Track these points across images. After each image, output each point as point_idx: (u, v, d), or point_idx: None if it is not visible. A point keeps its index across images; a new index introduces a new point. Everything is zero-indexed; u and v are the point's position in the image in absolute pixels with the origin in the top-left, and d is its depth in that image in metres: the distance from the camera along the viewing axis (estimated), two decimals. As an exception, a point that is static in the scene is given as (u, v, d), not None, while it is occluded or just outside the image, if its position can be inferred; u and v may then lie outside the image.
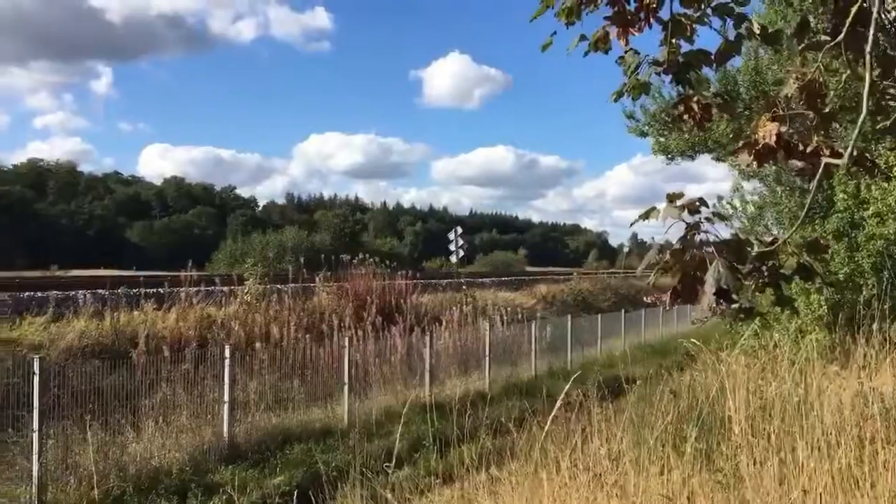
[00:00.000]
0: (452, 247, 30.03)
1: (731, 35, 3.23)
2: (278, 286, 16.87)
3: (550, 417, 5.00)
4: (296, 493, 6.36)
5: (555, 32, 3.23)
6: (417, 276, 20.39)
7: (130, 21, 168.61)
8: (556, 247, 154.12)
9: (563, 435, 6.10)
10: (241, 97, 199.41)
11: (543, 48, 3.29)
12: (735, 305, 2.45)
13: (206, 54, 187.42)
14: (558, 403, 5.01)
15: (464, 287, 23.16)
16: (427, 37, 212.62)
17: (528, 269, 66.22)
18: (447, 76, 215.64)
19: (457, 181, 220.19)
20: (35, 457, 7.95)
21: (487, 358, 15.84)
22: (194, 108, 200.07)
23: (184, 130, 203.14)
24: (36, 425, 8.04)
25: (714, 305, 2.34)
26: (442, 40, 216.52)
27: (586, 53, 3.00)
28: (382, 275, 19.14)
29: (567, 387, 5.17)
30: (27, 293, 13.70)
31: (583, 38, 3.20)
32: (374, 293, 17.89)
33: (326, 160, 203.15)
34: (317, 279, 18.13)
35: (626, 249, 51.59)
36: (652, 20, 2.92)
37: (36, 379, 8.16)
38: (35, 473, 7.93)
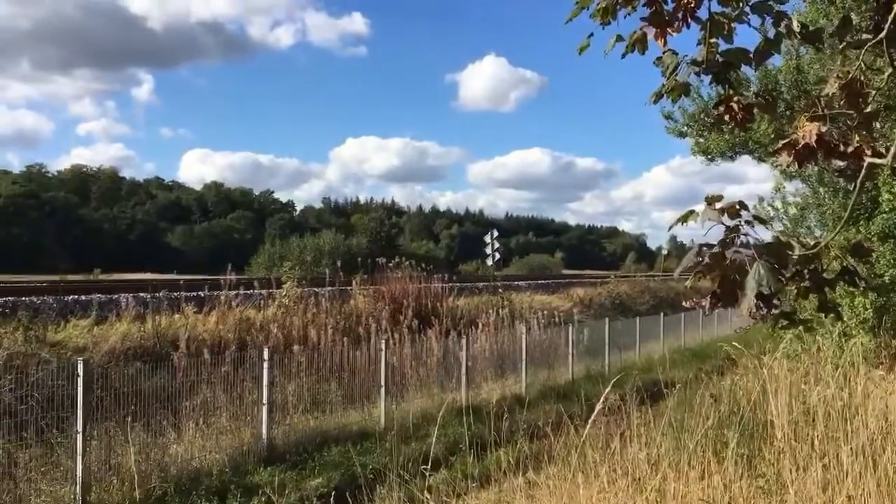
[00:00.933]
0: (488, 250, 29.95)
1: (771, 33, 3.18)
2: (315, 289, 16.99)
3: (590, 422, 4.96)
4: (333, 494, 6.39)
5: (591, 34, 3.20)
6: (453, 279, 20.38)
7: (171, 28, 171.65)
8: (594, 249, 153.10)
9: (601, 439, 6.06)
10: (279, 102, 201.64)
11: (580, 50, 3.27)
12: (776, 311, 2.41)
13: (245, 61, 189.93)
14: (598, 408, 4.97)
15: (500, 290, 23.10)
16: (463, 40, 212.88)
17: (565, 271, 65.90)
18: (483, 79, 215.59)
19: (492, 184, 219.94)
20: (79, 457, 8.10)
21: (524, 361, 15.78)
22: (234, 114, 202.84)
23: (223, 136, 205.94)
24: (80, 426, 8.19)
25: (754, 310, 2.30)
26: (478, 43, 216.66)
27: (624, 55, 2.98)
28: (418, 278, 19.18)
29: (607, 391, 5.12)
30: (71, 296, 14.00)
31: (619, 38, 3.17)
32: (410, 296, 17.93)
33: (362, 164, 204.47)
34: (353, 282, 18.24)
35: (664, 252, 51.58)
36: (690, 20, 2.89)
37: (80, 381, 8.31)
38: (79, 474, 8.08)
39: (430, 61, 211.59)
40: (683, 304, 3.35)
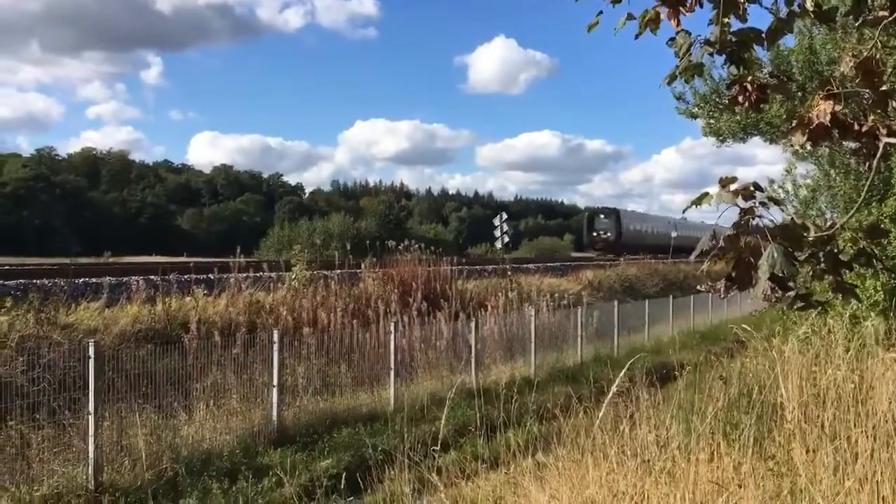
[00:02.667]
0: (497, 232, 29.93)
1: (783, 13, 3.14)
2: (325, 272, 17.00)
3: (604, 405, 4.96)
4: (344, 476, 6.41)
5: (600, 12, 3.18)
6: (462, 261, 20.35)
7: (180, 11, 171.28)
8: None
9: (610, 421, 6.06)
10: (288, 85, 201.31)
11: (589, 28, 3.24)
12: (791, 293, 2.39)
13: (254, 43, 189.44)
14: (612, 390, 4.96)
15: (509, 273, 23.06)
16: (472, 22, 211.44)
17: (574, 254, 66.42)
18: (492, 61, 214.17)
19: (501, 167, 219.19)
20: (91, 438, 8.17)
21: (533, 344, 15.79)
22: (243, 97, 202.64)
23: (232, 119, 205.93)
24: (91, 408, 8.25)
25: (769, 293, 2.28)
26: (487, 25, 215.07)
27: (637, 35, 2.95)
28: (427, 261, 19.17)
29: (621, 374, 5.11)
30: (82, 279, 14.05)
31: (630, 17, 3.14)
32: (419, 279, 17.93)
33: (371, 147, 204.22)
34: (362, 265, 18.24)
35: (674, 234, 53.03)
36: (703, -1, 2.85)
37: (91, 363, 8.36)
38: (91, 455, 8.15)
39: (440, 43, 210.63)
40: (698, 287, 3.34)
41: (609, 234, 55.05)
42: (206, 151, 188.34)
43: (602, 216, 57.08)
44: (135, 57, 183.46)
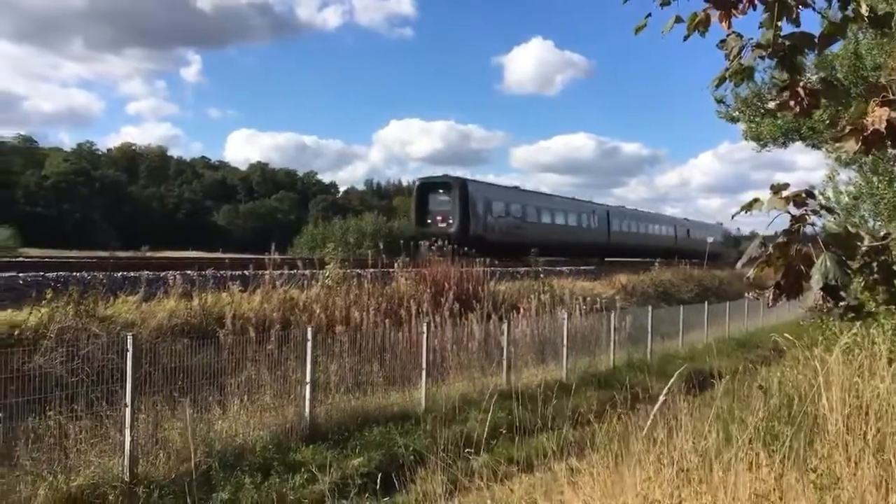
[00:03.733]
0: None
1: (834, 17, 3.08)
2: (358, 271, 17.07)
3: (653, 413, 4.90)
4: (377, 475, 6.43)
5: (649, 14, 3.14)
6: (495, 263, 20.28)
7: (220, 9, 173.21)
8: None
9: (645, 427, 5.98)
10: (325, 83, 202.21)
11: (637, 30, 3.20)
12: (843, 303, 2.33)
13: (293, 41, 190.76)
14: (660, 400, 4.90)
15: (541, 275, 22.97)
16: (510, 23, 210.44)
17: (607, 258, 64.96)
18: (528, 62, 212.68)
19: (536, 168, 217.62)
20: (127, 430, 8.28)
21: (565, 347, 15.70)
22: (280, 95, 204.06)
23: (269, 116, 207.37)
24: (128, 400, 8.37)
25: (821, 302, 2.23)
26: (525, 26, 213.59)
27: (686, 37, 2.90)
28: (460, 261, 19.15)
29: (671, 382, 5.04)
30: (120, 273, 14.26)
31: (678, 19, 3.10)
32: (451, 280, 17.93)
33: (406, 146, 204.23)
34: (395, 265, 18.28)
35: (710, 240, 50.65)
36: (756, 1, 2.80)
37: (129, 356, 8.48)
38: (127, 447, 8.26)
39: (476, 44, 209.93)
40: (746, 294, 3.28)
41: (451, 221, 32.86)
42: (243, 149, 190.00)
43: (441, 191, 34.19)
44: (175, 54, 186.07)
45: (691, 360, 17.37)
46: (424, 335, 12.65)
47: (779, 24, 2.88)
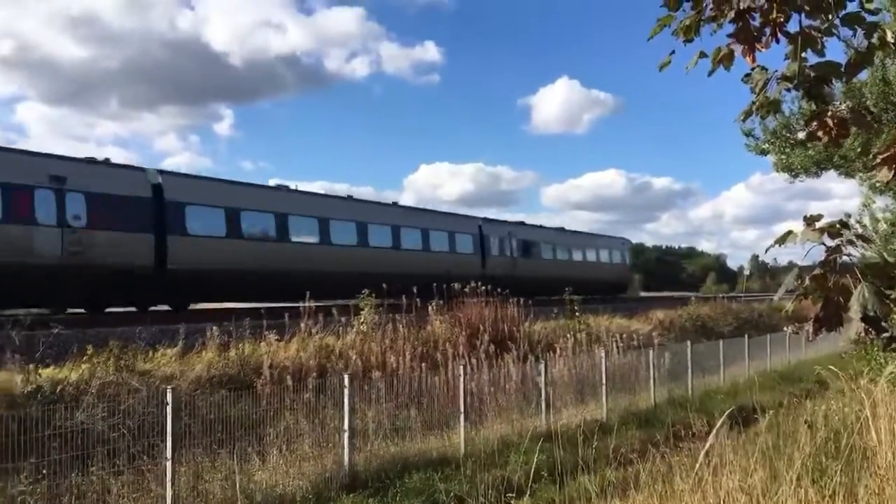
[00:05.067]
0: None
1: (859, 45, 3.07)
2: (393, 315, 17.10)
3: (703, 453, 4.81)
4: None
5: (673, 52, 3.16)
6: (529, 302, 20.16)
7: (250, 63, 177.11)
8: (672, 270, 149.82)
9: (689, 466, 5.87)
10: (354, 132, 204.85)
11: (661, 67, 3.23)
12: (885, 334, 2.29)
13: (321, 92, 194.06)
14: (708, 443, 4.81)
15: (577, 313, 22.81)
16: (535, 64, 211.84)
17: (643, 294, 63.41)
18: (555, 102, 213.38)
19: (567, 206, 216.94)
20: (168, 484, 8.31)
21: (604, 386, 15.50)
22: (311, 145, 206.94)
23: (300, 166, 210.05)
24: (169, 453, 8.41)
25: (863, 334, 2.19)
26: (550, 67, 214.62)
27: (711, 72, 2.92)
28: (494, 303, 19.09)
29: (719, 423, 4.94)
30: (158, 326, 14.46)
31: (703, 55, 3.12)
32: (486, 321, 17.87)
33: (436, 190, 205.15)
34: (430, 308, 18.28)
35: (746, 272, 48.25)
36: (779, 34, 2.81)
37: (168, 409, 8.54)
38: (168, 500, 8.28)
39: (502, 86, 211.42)
40: (785, 329, 3.24)
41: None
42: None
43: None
44: (208, 110, 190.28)
45: (734, 395, 17.06)
46: (461, 378, 12.58)
47: (803, 55, 2.88)
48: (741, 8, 2.80)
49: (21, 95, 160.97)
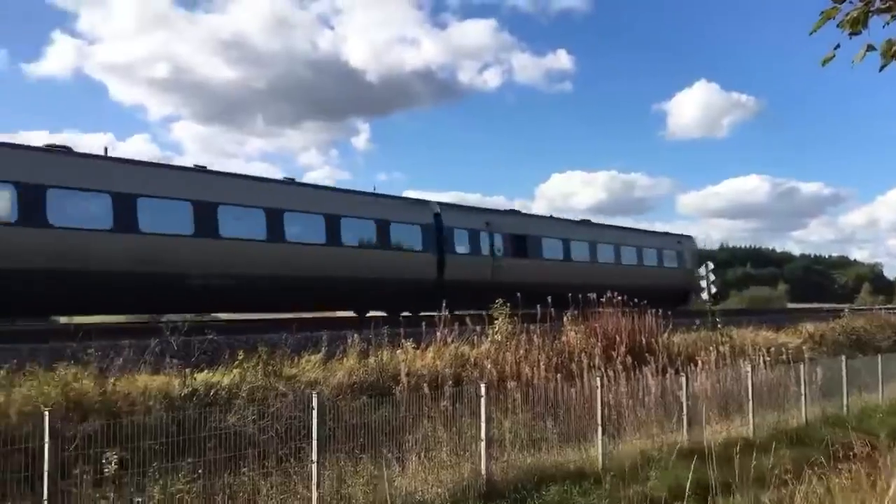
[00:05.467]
0: (703, 283, 28.63)
1: None
2: (527, 325, 17.02)
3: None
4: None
5: (838, 45, 2.98)
6: (668, 313, 19.54)
7: (386, 79, 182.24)
8: (821, 281, 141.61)
9: (849, 489, 5.51)
10: (486, 142, 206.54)
11: (824, 62, 3.05)
12: None
13: (454, 104, 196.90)
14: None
15: (719, 325, 21.92)
16: (670, 69, 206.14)
17: (790, 305, 59.46)
18: (692, 106, 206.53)
19: (705, 214, 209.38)
20: (314, 487, 8.60)
21: (750, 401, 14.80)
22: (443, 156, 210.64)
23: (433, 177, 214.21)
24: (314, 456, 8.71)
25: None
26: (686, 70, 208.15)
27: (882, 68, 2.72)
28: (631, 313, 18.65)
29: None
30: (303, 333, 15.05)
31: (870, 48, 2.92)
32: (622, 332, 17.49)
33: (568, 199, 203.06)
34: (564, 318, 18.07)
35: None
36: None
37: (314, 413, 8.86)
38: (314, 502, 8.57)
39: (636, 92, 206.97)
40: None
41: None
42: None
43: None
44: (347, 124, 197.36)
45: (894, 414, 15.91)
46: (598, 390, 12.36)
47: None
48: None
49: (176, 115, 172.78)
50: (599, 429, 12.06)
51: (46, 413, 7.29)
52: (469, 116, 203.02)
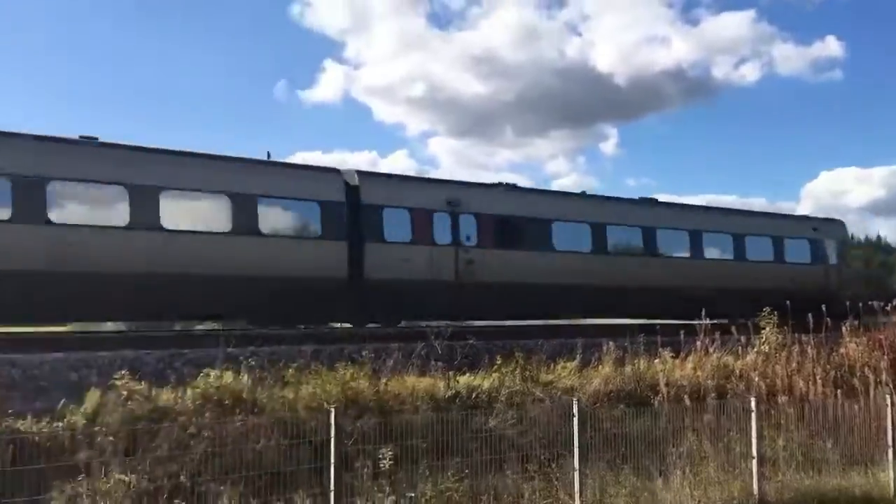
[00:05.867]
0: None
1: None
2: (799, 335, 15.71)
3: None
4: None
5: None
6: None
7: (635, 81, 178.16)
8: None
9: None
10: (743, 141, 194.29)
11: None
12: None
13: (706, 103, 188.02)
14: None
15: None
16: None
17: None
18: None
19: None
20: (577, 495, 8.54)
21: None
22: (695, 158, 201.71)
23: (684, 181, 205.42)
24: (576, 464, 8.65)
25: None
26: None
27: None
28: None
29: None
30: (558, 339, 15.08)
31: None
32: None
33: (839, 198, 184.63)
34: (842, 328, 16.44)
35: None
36: None
37: (575, 420, 8.81)
38: (576, 511, 8.52)
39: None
40: None
41: None
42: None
43: None
44: (594, 131, 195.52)
45: None
46: (889, 408, 11.09)
47: None
48: None
49: (432, 131, 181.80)
50: (890, 451, 10.88)
51: (332, 410, 7.85)
52: (723, 115, 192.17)
